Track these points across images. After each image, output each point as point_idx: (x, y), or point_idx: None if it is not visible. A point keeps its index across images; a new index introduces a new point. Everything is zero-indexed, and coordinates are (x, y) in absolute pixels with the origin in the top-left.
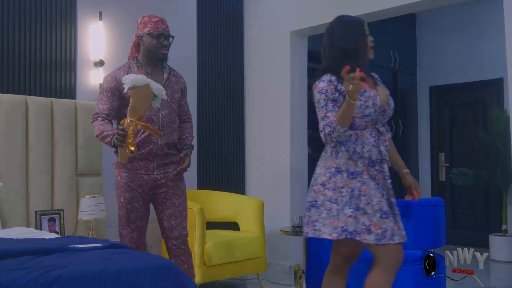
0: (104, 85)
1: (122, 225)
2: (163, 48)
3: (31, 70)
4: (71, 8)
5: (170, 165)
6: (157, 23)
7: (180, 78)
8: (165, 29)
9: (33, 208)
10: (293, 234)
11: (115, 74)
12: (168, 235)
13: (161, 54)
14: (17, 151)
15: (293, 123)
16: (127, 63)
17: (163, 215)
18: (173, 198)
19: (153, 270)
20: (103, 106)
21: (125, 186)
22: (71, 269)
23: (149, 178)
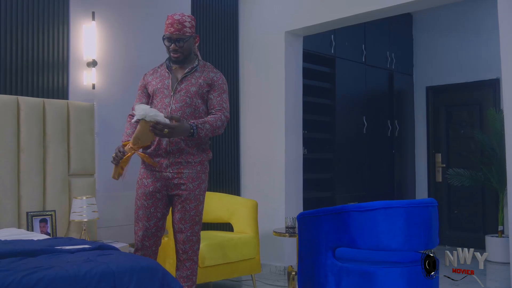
0: (139, 83)
1: (134, 221)
2: (172, 51)
3: (23, 70)
4: (64, 8)
5: (186, 165)
6: (168, 26)
7: (209, 73)
8: (172, 33)
9: (25, 209)
10: (287, 235)
11: (146, 72)
12: (178, 239)
13: (172, 57)
14: (9, 152)
15: (288, 123)
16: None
17: (174, 218)
18: (184, 203)
19: (139, 272)
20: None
21: (139, 182)
22: (54, 271)
23: (161, 175)
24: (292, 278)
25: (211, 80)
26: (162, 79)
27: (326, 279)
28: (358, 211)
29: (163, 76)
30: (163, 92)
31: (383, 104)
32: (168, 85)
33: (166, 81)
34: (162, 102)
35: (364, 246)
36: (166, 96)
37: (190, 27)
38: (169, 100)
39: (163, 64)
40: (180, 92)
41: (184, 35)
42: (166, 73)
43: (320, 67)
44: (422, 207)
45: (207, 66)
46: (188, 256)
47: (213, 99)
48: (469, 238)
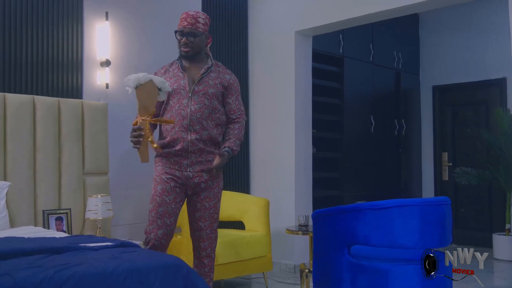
0: None
1: (150, 221)
2: (182, 45)
3: (38, 70)
4: (78, 8)
5: (206, 163)
6: (181, 20)
7: (224, 75)
8: (185, 26)
9: (41, 208)
10: (300, 233)
11: (156, 72)
12: (197, 236)
13: (182, 51)
14: (25, 151)
15: (298, 122)
16: (171, 62)
17: (193, 216)
18: (204, 201)
19: (164, 269)
20: None
21: (157, 178)
22: (83, 268)
23: (182, 174)
24: (305, 275)
25: (227, 83)
26: (178, 80)
27: (341, 276)
28: (373, 209)
29: (178, 76)
30: (180, 93)
31: (390, 104)
32: (185, 86)
33: (182, 81)
34: (180, 103)
35: (379, 243)
36: (183, 97)
37: (204, 24)
38: (187, 101)
39: (174, 63)
40: (198, 93)
41: (196, 30)
42: (180, 73)
43: (328, 66)
44: (436, 205)
45: (220, 67)
46: (207, 254)
47: (231, 103)
48: (476, 236)
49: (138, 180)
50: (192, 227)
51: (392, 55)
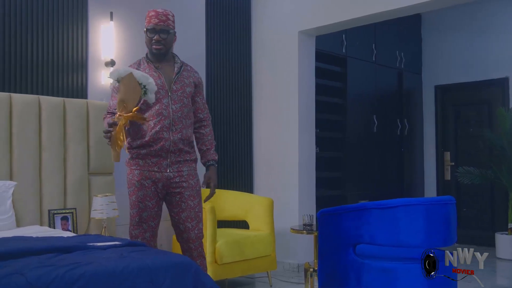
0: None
1: (133, 225)
2: (155, 43)
3: (44, 70)
4: (82, 9)
5: (184, 163)
6: (151, 17)
7: (194, 73)
8: (157, 24)
9: (46, 207)
10: (305, 232)
11: None
12: (185, 238)
13: (154, 49)
14: (31, 151)
15: (301, 122)
16: (138, 60)
17: (179, 218)
18: (188, 200)
19: (173, 268)
20: (112, 102)
21: (137, 184)
22: (94, 267)
23: (162, 176)
24: (310, 274)
25: (197, 81)
26: (154, 79)
27: (347, 275)
28: (378, 209)
29: (153, 76)
30: (159, 92)
31: (392, 103)
32: (163, 85)
33: (158, 81)
34: (160, 102)
35: (384, 242)
36: (163, 97)
37: (173, 22)
38: (167, 100)
39: (142, 62)
40: (176, 92)
41: (168, 27)
42: (154, 72)
43: (331, 66)
44: (442, 205)
45: (187, 65)
46: (199, 253)
47: (199, 102)
48: (479, 236)
49: None
50: (179, 229)
51: (394, 55)
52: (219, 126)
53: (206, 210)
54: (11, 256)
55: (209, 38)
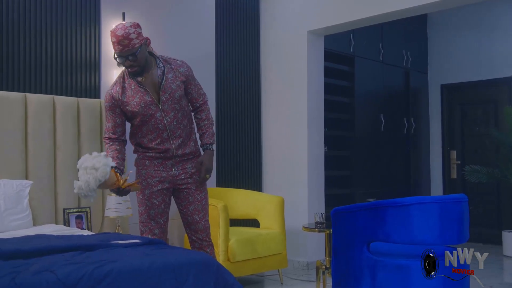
0: (105, 103)
1: (142, 222)
2: (127, 67)
3: (58, 70)
4: (95, 9)
5: (187, 161)
6: (114, 44)
7: (178, 69)
8: (121, 51)
9: (61, 206)
10: (317, 230)
11: (112, 92)
12: (193, 229)
13: (129, 72)
14: (45, 150)
15: (311, 121)
16: (121, 73)
17: (187, 211)
18: (195, 193)
19: (196, 265)
20: (108, 125)
21: (144, 182)
22: (120, 264)
23: (168, 174)
24: (322, 272)
25: (185, 76)
26: (142, 96)
27: (362, 273)
28: (393, 207)
29: (140, 93)
30: (150, 108)
31: (399, 102)
32: (152, 101)
33: (146, 97)
34: (154, 118)
35: (398, 240)
36: (155, 112)
37: (137, 37)
38: (160, 113)
39: (125, 78)
40: (166, 102)
41: (133, 48)
42: (139, 88)
43: (339, 65)
44: (455, 203)
45: (171, 62)
46: (207, 243)
47: (192, 92)
48: (486, 234)
49: None
50: (187, 221)
51: (401, 54)
52: (228, 126)
53: (219, 208)
54: (37, 254)
55: (219, 38)
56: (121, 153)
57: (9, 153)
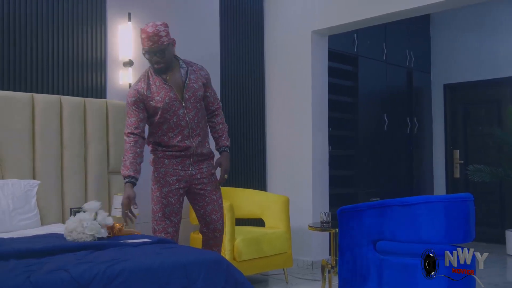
0: (128, 99)
1: (156, 220)
2: (154, 63)
3: (64, 70)
4: (101, 10)
5: (203, 161)
6: (144, 40)
7: (200, 72)
8: (151, 46)
9: (68, 205)
10: (322, 229)
11: (137, 87)
12: (212, 228)
13: (155, 68)
14: (52, 150)
15: (315, 121)
16: (145, 72)
17: (204, 211)
18: (211, 194)
19: (207, 264)
20: (131, 120)
21: (162, 181)
22: (132, 263)
23: (185, 173)
24: (328, 271)
25: (205, 79)
26: (166, 92)
27: (368, 272)
28: (400, 206)
29: (164, 89)
30: (174, 105)
31: (402, 102)
32: (176, 97)
33: (171, 93)
34: (177, 114)
35: (405, 239)
36: (178, 108)
37: (166, 35)
38: (182, 110)
39: (150, 75)
40: (189, 100)
41: (162, 45)
42: (164, 85)
43: (343, 65)
44: (461, 202)
45: (192, 65)
46: (219, 243)
47: (209, 96)
48: (489, 233)
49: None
50: (205, 221)
51: (404, 54)
52: (233, 125)
53: (225, 207)
54: (49, 253)
55: (223, 38)
56: (140, 156)
57: (17, 153)
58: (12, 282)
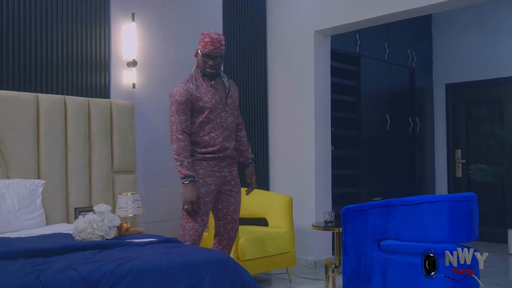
0: (178, 98)
1: (188, 219)
2: (209, 67)
3: (68, 70)
4: (105, 10)
5: (233, 164)
6: (207, 43)
7: (235, 85)
8: (212, 51)
9: (72, 205)
10: (326, 229)
11: (186, 87)
12: (229, 228)
13: (207, 72)
14: (57, 150)
15: (317, 121)
16: (192, 74)
17: (228, 210)
18: (236, 195)
19: (214, 263)
20: (181, 118)
21: (201, 181)
22: (140, 262)
23: (220, 175)
24: (332, 270)
25: (237, 93)
26: (213, 95)
27: (372, 271)
28: (404, 205)
29: (211, 92)
30: (218, 107)
31: (405, 101)
32: (221, 101)
33: (217, 96)
34: (220, 116)
35: (409, 238)
36: (221, 111)
37: (224, 44)
38: (225, 114)
39: (197, 77)
40: (230, 106)
41: (221, 52)
42: (211, 88)
43: (346, 65)
44: (465, 201)
45: (228, 79)
46: (232, 244)
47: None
48: (491, 232)
49: (162, 179)
50: (227, 220)
51: (406, 54)
52: None
53: None
54: (57, 252)
55: (226, 38)
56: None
57: (22, 152)
58: (22, 281)
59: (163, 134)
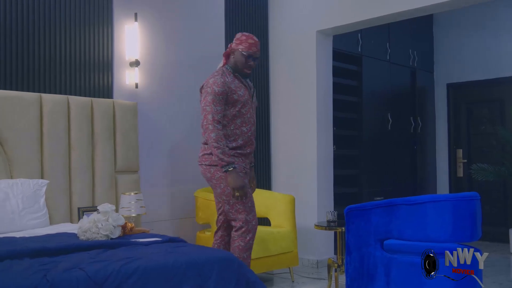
0: (216, 88)
1: (246, 211)
2: (248, 67)
3: (71, 70)
4: (107, 10)
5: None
6: (251, 45)
7: None
8: (255, 52)
9: (76, 205)
10: (328, 228)
11: (223, 79)
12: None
13: (245, 71)
14: (60, 150)
15: (319, 121)
16: (222, 70)
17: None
18: (252, 190)
19: (219, 262)
20: (217, 108)
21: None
22: (145, 261)
23: (246, 171)
24: (334, 270)
25: None
26: (245, 91)
27: (376, 270)
28: (407, 205)
29: (242, 88)
30: (248, 103)
31: (406, 101)
32: (250, 97)
33: (247, 92)
34: (250, 112)
35: (412, 238)
36: (250, 107)
37: None
38: (252, 110)
39: (227, 73)
40: (254, 104)
41: (259, 55)
42: (242, 85)
43: (347, 65)
44: (468, 201)
45: None
46: None
47: None
48: (493, 232)
49: (165, 179)
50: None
51: (407, 54)
52: None
53: None
54: (62, 252)
55: (228, 38)
56: None
57: (25, 152)
58: (29, 280)
59: (166, 134)
